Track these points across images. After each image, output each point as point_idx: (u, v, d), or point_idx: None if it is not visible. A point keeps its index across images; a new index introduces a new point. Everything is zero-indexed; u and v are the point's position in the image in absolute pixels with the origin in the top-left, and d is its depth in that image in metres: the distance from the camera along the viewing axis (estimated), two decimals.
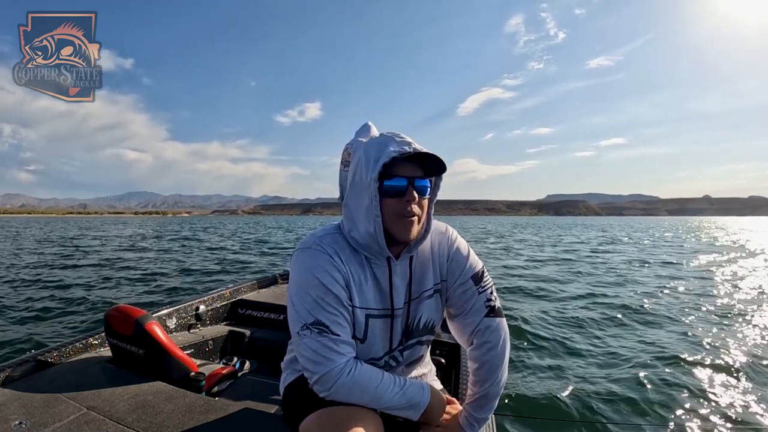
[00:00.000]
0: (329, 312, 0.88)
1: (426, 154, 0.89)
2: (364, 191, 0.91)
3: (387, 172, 0.89)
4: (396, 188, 0.90)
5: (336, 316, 0.88)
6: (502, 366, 1.01)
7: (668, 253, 15.08)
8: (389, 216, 0.91)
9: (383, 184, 0.90)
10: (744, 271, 9.88)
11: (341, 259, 0.92)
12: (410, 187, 0.90)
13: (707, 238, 25.16)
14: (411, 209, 0.90)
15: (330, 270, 0.90)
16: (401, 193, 0.90)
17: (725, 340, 4.32)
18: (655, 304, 6.07)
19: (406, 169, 0.91)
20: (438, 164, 0.92)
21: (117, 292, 6.99)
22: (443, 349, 1.88)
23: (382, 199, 0.90)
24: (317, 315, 0.87)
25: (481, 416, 1.01)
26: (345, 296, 0.91)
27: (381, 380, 0.90)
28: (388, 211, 0.91)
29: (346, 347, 0.89)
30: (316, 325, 0.87)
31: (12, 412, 1.18)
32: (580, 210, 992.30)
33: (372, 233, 0.91)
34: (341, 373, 0.86)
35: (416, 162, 0.92)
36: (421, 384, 0.96)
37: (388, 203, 0.91)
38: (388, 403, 0.90)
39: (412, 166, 0.92)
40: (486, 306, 1.01)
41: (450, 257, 1.04)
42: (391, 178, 0.89)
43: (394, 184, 0.90)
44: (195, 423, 1.16)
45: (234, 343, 2.28)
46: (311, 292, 0.88)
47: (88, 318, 5.12)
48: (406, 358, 1.04)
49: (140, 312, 1.56)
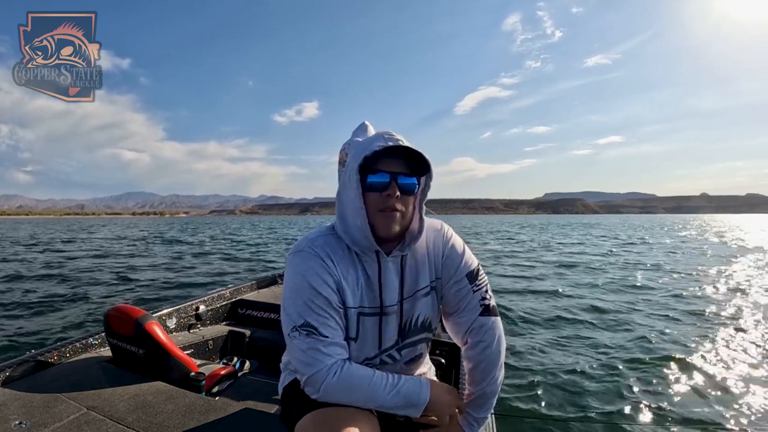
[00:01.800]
0: (318, 314, 0.88)
1: (410, 150, 0.90)
2: (351, 185, 0.93)
3: (371, 167, 0.91)
4: (377, 183, 0.91)
5: (325, 318, 0.89)
6: (498, 365, 1.01)
7: (717, 259, 11.96)
8: (371, 210, 0.92)
9: (367, 178, 0.91)
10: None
11: (333, 261, 0.93)
12: (393, 183, 0.91)
13: (731, 239, 22.02)
14: (392, 204, 0.91)
15: (321, 273, 0.90)
16: (383, 188, 0.91)
17: (732, 343, 4.32)
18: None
19: (390, 165, 0.92)
20: (422, 162, 0.93)
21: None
22: (443, 349, 1.88)
23: (365, 193, 0.92)
24: (306, 317, 0.88)
25: (479, 416, 1.02)
26: (336, 299, 0.91)
27: (372, 380, 0.89)
28: (371, 205, 0.92)
29: (334, 349, 0.89)
30: (304, 327, 0.87)
31: (12, 412, 1.18)
32: (577, 208, 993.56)
33: (359, 226, 0.92)
34: (327, 374, 0.86)
35: (403, 159, 0.93)
36: (419, 381, 0.94)
37: (370, 197, 0.92)
38: (383, 402, 0.89)
39: (397, 163, 0.92)
40: (481, 304, 1.01)
41: (445, 255, 1.04)
42: (375, 173, 0.91)
43: (376, 179, 0.91)
44: (195, 423, 1.17)
45: (234, 343, 2.28)
46: (302, 295, 0.89)
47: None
48: (404, 357, 1.04)
49: (140, 312, 1.56)
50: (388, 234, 0.93)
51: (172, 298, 6.41)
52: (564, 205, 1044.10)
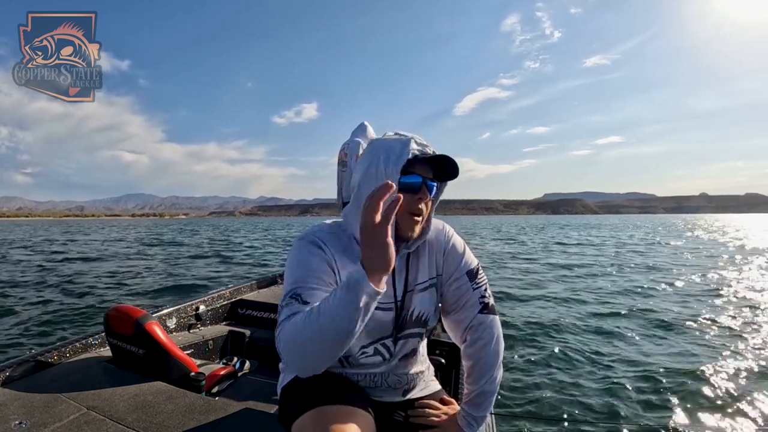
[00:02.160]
0: (307, 288, 0.86)
1: (443, 157, 0.95)
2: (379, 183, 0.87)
3: (404, 169, 0.92)
4: (412, 185, 0.93)
5: (313, 291, 0.85)
6: (497, 364, 1.01)
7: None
8: (400, 211, 0.90)
9: (400, 179, 0.92)
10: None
11: (332, 250, 0.94)
12: (424, 186, 0.94)
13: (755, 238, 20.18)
14: (421, 207, 0.94)
15: (319, 254, 0.92)
16: (416, 190, 0.94)
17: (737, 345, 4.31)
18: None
19: (421, 169, 0.95)
20: (452, 170, 0.98)
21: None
22: (443, 349, 1.88)
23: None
24: (296, 290, 0.86)
25: (478, 415, 1.02)
26: (327, 279, 0.89)
27: (317, 311, 0.75)
28: (401, 205, 0.91)
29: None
30: (290, 296, 0.85)
31: (12, 412, 1.17)
32: (577, 209, 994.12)
33: None
34: (282, 326, 0.80)
35: (429, 165, 0.97)
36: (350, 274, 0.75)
37: (403, 198, 0.92)
38: (339, 320, 0.72)
39: (426, 168, 0.96)
40: (480, 302, 1.02)
41: (446, 252, 1.06)
42: (408, 174, 0.93)
43: (411, 180, 0.93)
44: (195, 423, 1.17)
45: (234, 343, 2.28)
46: (295, 272, 0.90)
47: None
48: (398, 351, 1.04)
49: (140, 312, 1.56)
50: (411, 235, 0.96)
51: (172, 299, 6.42)
52: (564, 205, 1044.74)
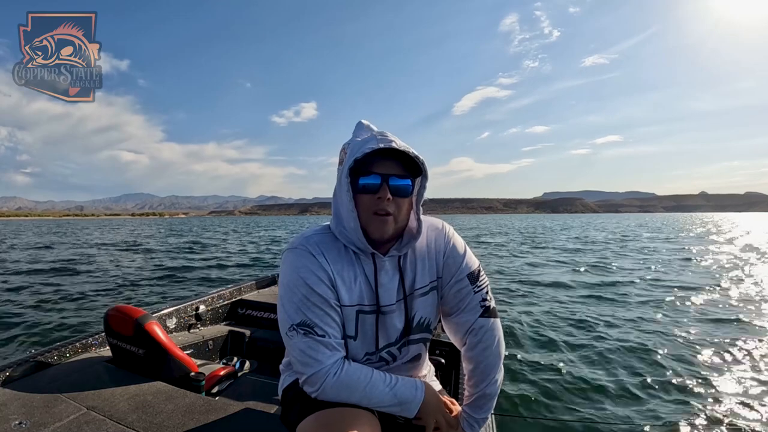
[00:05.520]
0: (315, 312, 0.88)
1: (403, 153, 0.88)
2: (343, 186, 0.92)
3: (363, 169, 0.90)
4: (369, 185, 0.90)
5: (322, 315, 0.89)
6: (498, 366, 1.01)
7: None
8: (364, 212, 0.91)
9: (359, 180, 0.90)
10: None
11: (326, 258, 0.92)
12: (384, 185, 0.89)
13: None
14: (384, 207, 0.89)
15: (315, 269, 0.90)
16: (374, 190, 0.90)
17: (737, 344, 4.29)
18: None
19: (383, 167, 0.90)
20: (416, 165, 0.92)
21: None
22: (443, 349, 1.88)
23: (357, 195, 0.91)
24: (303, 315, 0.88)
25: (479, 416, 1.01)
26: (332, 296, 0.90)
27: (370, 379, 0.89)
28: (363, 207, 0.91)
29: (333, 347, 0.89)
30: (302, 326, 0.87)
31: (12, 412, 1.18)
32: (576, 208, 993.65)
33: (353, 228, 0.92)
34: (327, 374, 0.86)
35: (397, 161, 0.91)
36: (414, 382, 0.95)
37: (362, 199, 0.91)
38: (379, 401, 0.89)
39: (390, 164, 0.90)
40: (481, 306, 1.00)
41: (446, 254, 1.03)
42: (367, 175, 0.90)
43: (368, 181, 0.90)
44: (195, 423, 1.17)
45: (234, 343, 2.28)
46: (297, 292, 0.89)
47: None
48: (402, 356, 1.04)
49: (140, 312, 1.56)
50: (381, 236, 0.93)
51: (172, 299, 6.40)
52: (563, 204, 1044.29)
